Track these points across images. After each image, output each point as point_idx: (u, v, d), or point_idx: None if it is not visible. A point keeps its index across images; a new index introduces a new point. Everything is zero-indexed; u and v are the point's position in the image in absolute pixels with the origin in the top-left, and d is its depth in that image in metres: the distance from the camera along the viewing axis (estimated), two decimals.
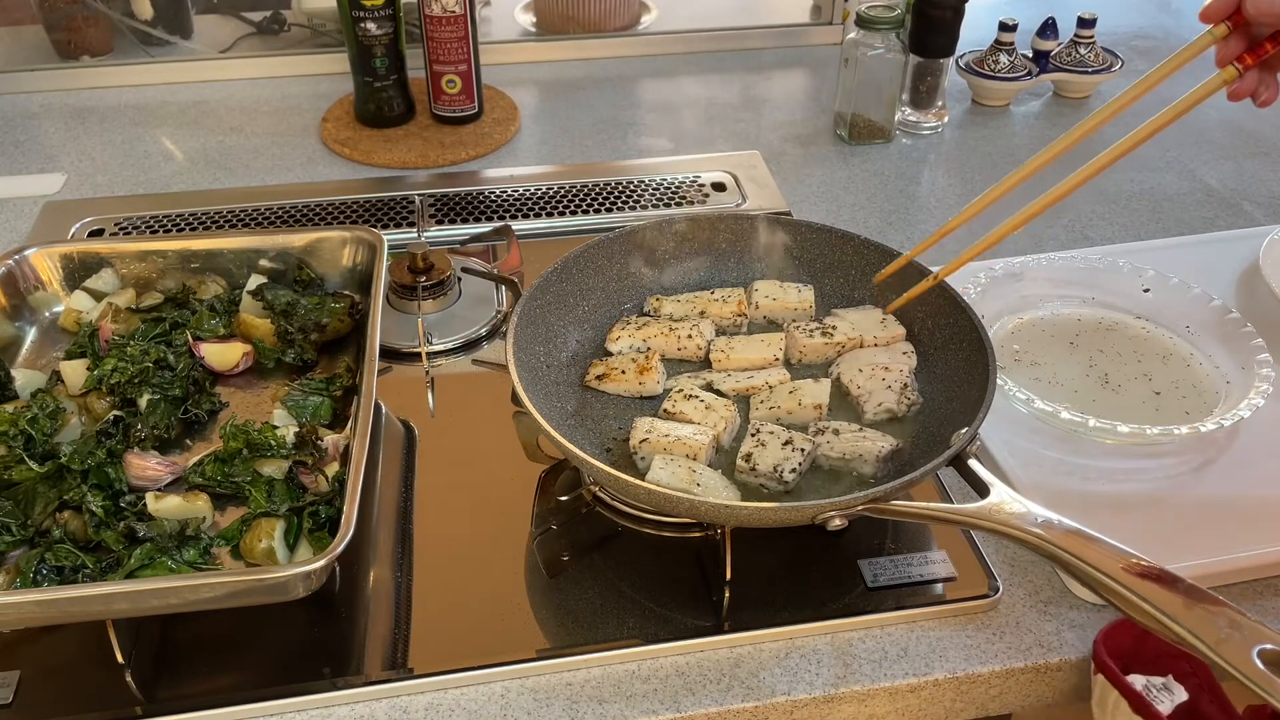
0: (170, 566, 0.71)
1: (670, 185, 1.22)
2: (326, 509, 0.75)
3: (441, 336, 0.97)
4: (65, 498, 0.75)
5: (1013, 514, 0.65)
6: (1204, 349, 0.92)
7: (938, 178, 1.26)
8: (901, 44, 1.25)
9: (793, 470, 0.74)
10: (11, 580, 0.70)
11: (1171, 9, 1.77)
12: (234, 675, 0.69)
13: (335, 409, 0.85)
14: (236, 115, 1.38)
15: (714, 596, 0.74)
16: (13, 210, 1.18)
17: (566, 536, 0.78)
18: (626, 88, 1.47)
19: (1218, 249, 1.09)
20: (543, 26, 1.60)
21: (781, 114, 1.40)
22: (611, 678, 0.70)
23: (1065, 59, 1.41)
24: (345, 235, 0.96)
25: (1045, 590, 0.76)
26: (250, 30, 1.53)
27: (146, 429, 0.81)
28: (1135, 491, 0.82)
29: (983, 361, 0.77)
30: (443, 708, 0.68)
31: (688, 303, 0.91)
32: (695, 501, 0.68)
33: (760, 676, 0.70)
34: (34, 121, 1.37)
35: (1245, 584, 0.76)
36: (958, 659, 0.71)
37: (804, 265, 0.93)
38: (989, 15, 1.45)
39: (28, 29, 1.47)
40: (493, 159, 1.29)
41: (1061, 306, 0.98)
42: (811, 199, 1.21)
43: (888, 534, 0.79)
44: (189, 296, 0.94)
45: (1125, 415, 0.83)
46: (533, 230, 1.14)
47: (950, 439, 0.71)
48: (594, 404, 0.84)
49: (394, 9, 1.24)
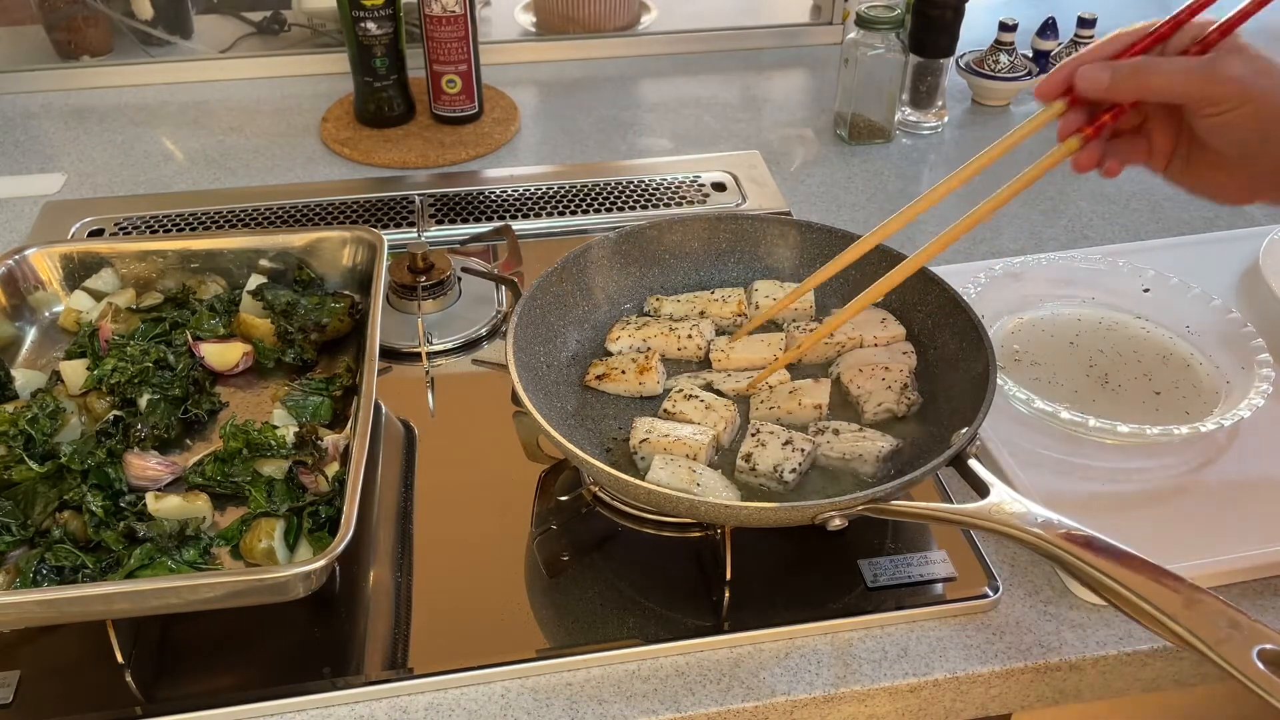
0: (170, 566, 0.71)
1: (670, 185, 1.22)
2: (326, 509, 0.75)
3: (441, 336, 0.97)
4: (65, 498, 0.75)
5: (1013, 514, 0.65)
6: (1204, 349, 0.92)
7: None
8: (901, 44, 1.25)
9: (793, 470, 0.74)
10: (11, 580, 0.70)
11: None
12: (234, 675, 0.69)
13: (335, 409, 0.85)
14: (236, 115, 1.38)
15: (714, 596, 0.74)
16: (13, 210, 1.18)
17: (566, 536, 0.78)
18: (626, 88, 1.47)
19: (1218, 249, 1.09)
20: (543, 26, 1.60)
21: (781, 114, 1.40)
22: (611, 678, 0.70)
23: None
24: (345, 235, 0.96)
25: (1045, 590, 0.76)
26: (250, 30, 1.53)
27: (146, 429, 0.81)
28: (1135, 491, 0.82)
29: (983, 361, 0.77)
30: (443, 708, 0.68)
31: (688, 303, 0.91)
32: (695, 501, 0.68)
33: (760, 676, 0.70)
34: (34, 121, 1.37)
35: (1245, 584, 0.76)
36: (958, 659, 0.71)
37: (804, 265, 0.93)
38: (989, 15, 1.45)
39: (28, 29, 1.47)
40: (493, 159, 1.29)
41: (1061, 306, 0.98)
42: (811, 199, 1.21)
43: (888, 534, 0.79)
44: (189, 296, 0.94)
45: (1125, 415, 0.83)
46: (533, 230, 1.14)
47: (950, 439, 0.71)
48: (594, 404, 0.84)
49: (394, 9, 1.24)
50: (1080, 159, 0.63)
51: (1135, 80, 0.60)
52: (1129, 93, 0.61)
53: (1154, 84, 0.59)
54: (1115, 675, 0.73)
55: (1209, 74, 0.58)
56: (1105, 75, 0.60)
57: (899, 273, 0.75)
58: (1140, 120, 0.65)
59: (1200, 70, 0.58)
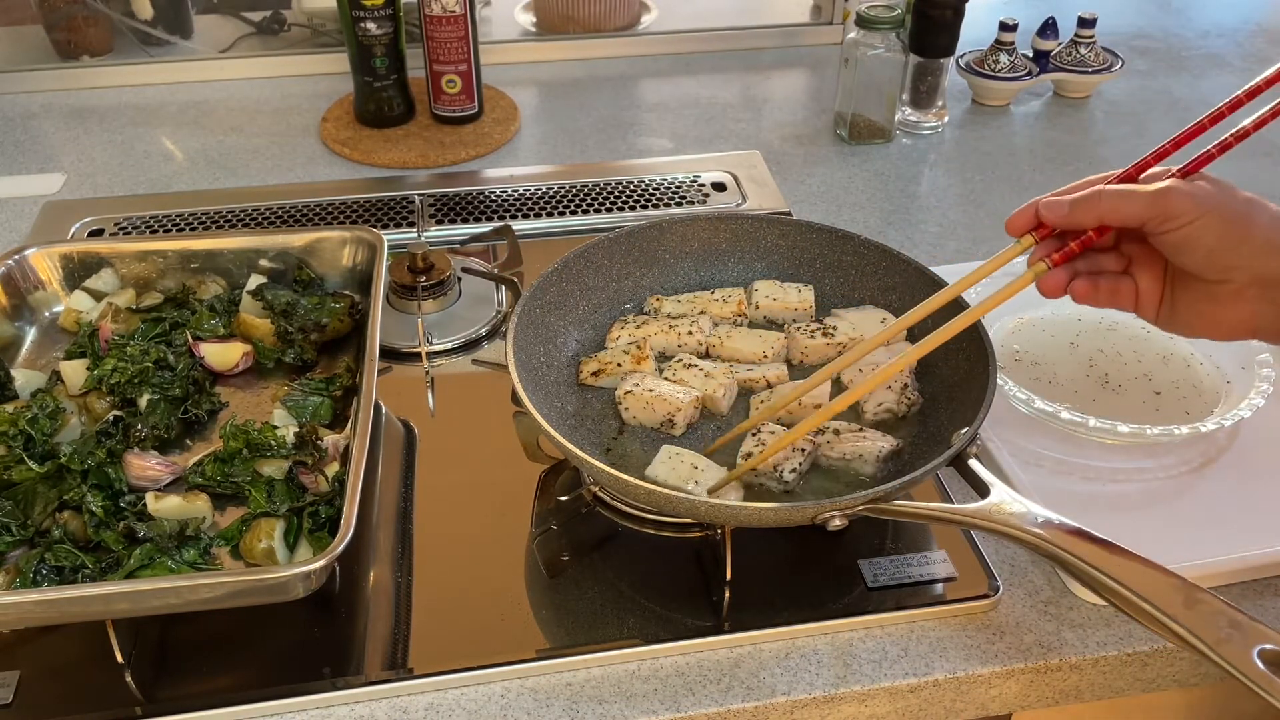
0: (170, 566, 0.71)
1: (670, 185, 1.22)
2: (326, 509, 0.75)
3: (441, 336, 0.97)
4: (65, 498, 0.75)
5: (1013, 514, 0.65)
6: (1204, 349, 0.92)
7: (938, 178, 1.26)
8: (901, 44, 1.25)
9: (793, 470, 0.74)
10: (11, 580, 0.70)
11: (1171, 9, 1.78)
12: (234, 675, 0.69)
13: (335, 409, 0.85)
14: (236, 115, 1.38)
15: (714, 596, 0.74)
16: (13, 210, 1.18)
17: (566, 536, 0.78)
18: (626, 88, 1.47)
19: None
20: (543, 26, 1.60)
21: (781, 114, 1.40)
22: (611, 678, 0.70)
23: (1065, 59, 1.41)
24: (345, 235, 0.96)
25: (1045, 590, 0.76)
26: (250, 30, 1.53)
27: (146, 429, 0.81)
28: (1135, 491, 0.82)
29: (983, 361, 0.77)
30: (443, 708, 0.68)
31: (688, 303, 0.91)
32: (695, 501, 0.68)
33: (760, 676, 0.70)
34: (34, 121, 1.37)
35: (1245, 584, 0.76)
36: (958, 659, 0.71)
37: (804, 265, 0.93)
38: (989, 15, 1.45)
39: (28, 29, 1.47)
40: (493, 159, 1.29)
41: (1061, 306, 0.97)
42: (811, 199, 1.21)
43: (888, 534, 0.79)
44: (189, 296, 0.94)
45: (1125, 415, 0.83)
46: (533, 230, 1.14)
47: (950, 439, 0.71)
48: (594, 404, 0.84)
49: (394, 9, 1.24)
50: (1045, 282, 0.66)
51: (1091, 203, 0.63)
52: (1088, 217, 0.64)
53: (1107, 204, 0.63)
54: (1115, 675, 0.73)
55: (1159, 193, 0.61)
56: (1065, 203, 0.65)
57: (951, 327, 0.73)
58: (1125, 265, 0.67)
59: (1151, 191, 0.62)
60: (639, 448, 0.79)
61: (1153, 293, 0.67)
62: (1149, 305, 0.67)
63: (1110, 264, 0.68)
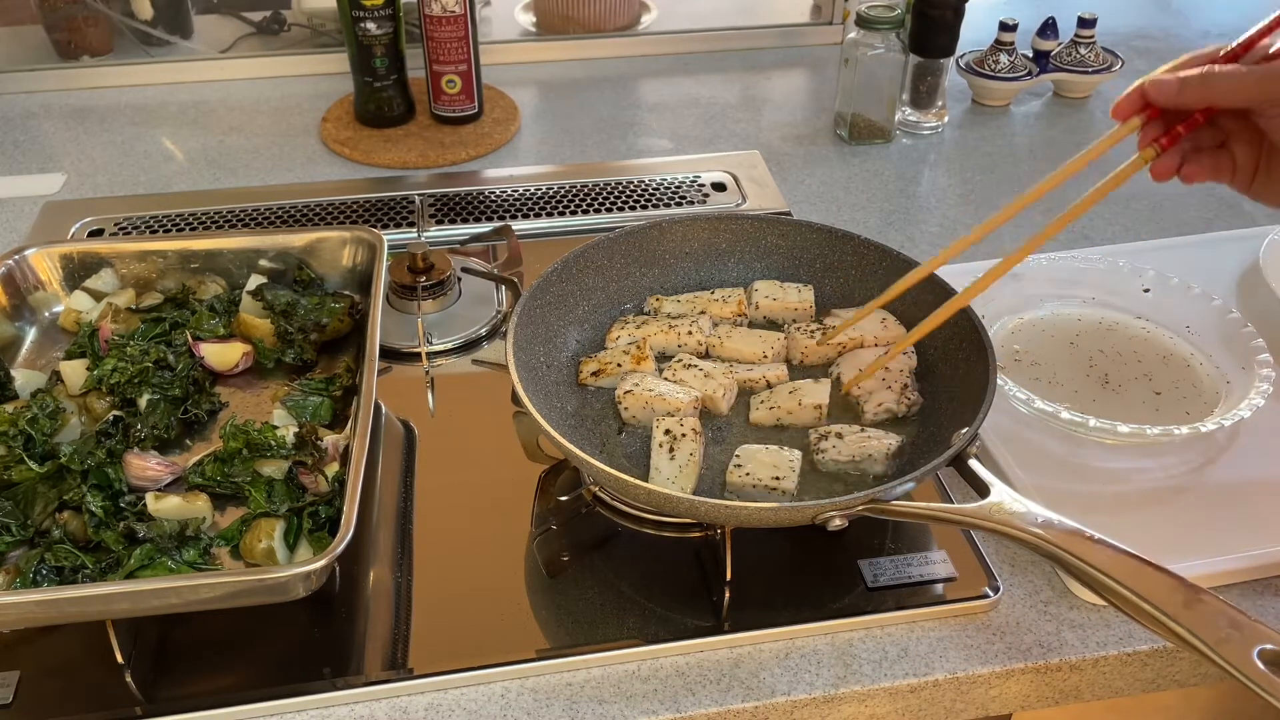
0: (170, 567, 0.71)
1: (670, 185, 1.22)
2: (326, 509, 0.75)
3: (441, 336, 0.97)
4: (65, 498, 0.75)
5: (1013, 514, 0.65)
6: (1204, 349, 0.92)
7: (938, 178, 1.26)
8: (901, 44, 1.25)
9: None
10: (11, 580, 0.70)
11: (1171, 9, 1.78)
12: (234, 675, 0.69)
13: (335, 409, 0.85)
14: (236, 115, 1.38)
15: (714, 596, 0.74)
16: (13, 210, 1.18)
17: (566, 536, 0.78)
18: (626, 88, 1.47)
19: (1218, 249, 1.09)
20: (543, 26, 1.60)
21: (781, 114, 1.40)
22: (611, 678, 0.70)
23: (1065, 59, 1.41)
24: (345, 235, 0.96)
25: (1045, 590, 0.76)
26: (250, 30, 1.53)
27: (146, 429, 0.81)
28: (1135, 491, 0.82)
29: (983, 361, 0.77)
30: (443, 708, 0.68)
31: (688, 303, 0.91)
32: (695, 501, 0.68)
33: (760, 676, 0.70)
34: (34, 121, 1.37)
35: (1245, 584, 0.76)
36: (958, 659, 0.71)
37: (804, 265, 0.93)
38: (989, 15, 1.45)
39: (28, 29, 1.47)
40: (493, 159, 1.29)
41: (1061, 306, 0.98)
42: (811, 199, 1.21)
43: (888, 534, 0.79)
44: (189, 296, 0.94)
45: (1125, 415, 0.83)
46: (533, 230, 1.14)
47: (950, 439, 0.71)
48: (594, 404, 0.84)
49: (394, 9, 1.24)
50: (1157, 166, 0.67)
51: (1202, 86, 0.63)
52: (1197, 98, 0.64)
53: (1219, 88, 0.63)
54: (1115, 675, 0.73)
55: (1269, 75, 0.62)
56: (1174, 83, 0.64)
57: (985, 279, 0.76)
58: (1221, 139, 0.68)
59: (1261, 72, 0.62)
60: (639, 448, 0.79)
61: (1249, 165, 0.67)
62: (1244, 177, 0.68)
63: (1208, 139, 0.68)
